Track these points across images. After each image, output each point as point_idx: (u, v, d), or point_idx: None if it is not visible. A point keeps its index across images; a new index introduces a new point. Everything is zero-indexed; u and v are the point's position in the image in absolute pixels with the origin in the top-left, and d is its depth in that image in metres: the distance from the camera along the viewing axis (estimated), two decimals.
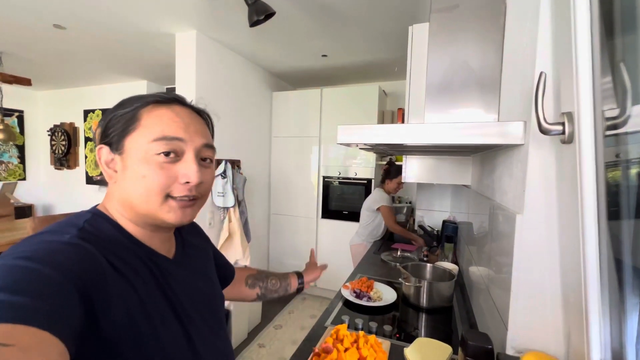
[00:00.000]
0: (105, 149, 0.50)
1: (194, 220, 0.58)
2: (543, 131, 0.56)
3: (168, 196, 0.48)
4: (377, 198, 2.43)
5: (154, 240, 0.53)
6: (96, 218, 0.49)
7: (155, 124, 0.48)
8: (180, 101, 0.53)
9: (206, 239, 0.75)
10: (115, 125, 0.49)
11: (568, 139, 0.54)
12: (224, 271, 0.79)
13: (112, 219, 0.51)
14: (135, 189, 0.48)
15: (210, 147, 0.54)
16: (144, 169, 0.47)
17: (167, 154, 0.48)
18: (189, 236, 0.67)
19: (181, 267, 0.57)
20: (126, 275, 0.46)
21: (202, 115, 0.56)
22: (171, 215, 0.49)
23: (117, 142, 0.49)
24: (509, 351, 0.71)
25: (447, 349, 0.84)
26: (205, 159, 0.53)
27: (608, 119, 0.50)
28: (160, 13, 1.94)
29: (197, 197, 0.52)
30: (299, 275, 0.92)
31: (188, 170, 0.49)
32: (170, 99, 0.51)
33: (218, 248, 0.85)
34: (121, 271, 0.45)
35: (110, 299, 0.42)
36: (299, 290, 0.91)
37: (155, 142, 0.47)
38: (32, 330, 0.31)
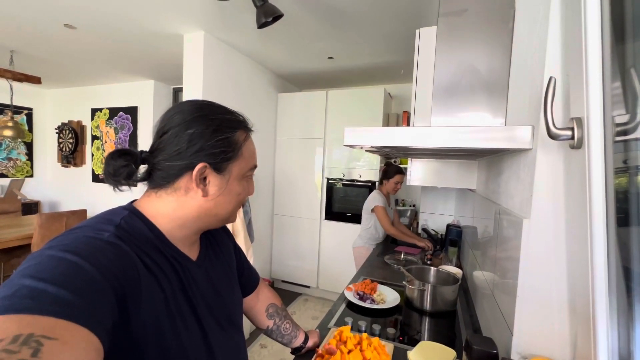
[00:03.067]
0: (204, 167, 0.52)
1: None
2: (552, 136, 0.56)
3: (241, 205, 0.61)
4: (371, 199, 2.40)
5: (184, 242, 0.56)
6: (132, 216, 0.51)
7: (251, 155, 0.59)
8: (251, 129, 0.62)
9: (227, 231, 0.76)
10: (219, 149, 0.53)
11: (577, 144, 0.54)
12: (246, 280, 0.79)
13: (146, 217, 0.52)
14: (230, 203, 0.57)
15: None
16: (239, 188, 0.57)
17: (251, 176, 0.61)
18: (213, 232, 0.68)
19: (202, 269, 0.59)
20: (155, 274, 0.47)
21: None
22: (233, 217, 0.61)
23: (222, 165, 0.54)
24: (514, 356, 0.70)
25: (450, 352, 0.84)
26: None
27: (618, 124, 0.50)
28: (169, 14, 1.96)
29: None
30: (306, 337, 0.90)
31: (253, 187, 0.63)
32: (249, 126, 0.61)
33: None
34: (151, 269, 0.47)
35: (142, 298, 0.43)
36: (298, 349, 0.89)
37: (251, 170, 0.59)
38: (74, 326, 0.32)
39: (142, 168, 0.53)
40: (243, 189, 0.58)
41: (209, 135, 0.52)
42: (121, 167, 0.50)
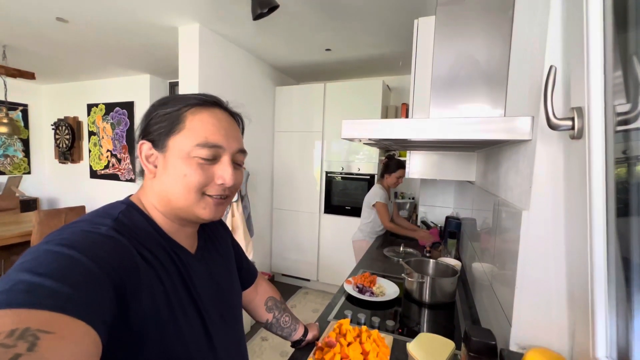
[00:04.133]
0: (146, 145, 0.52)
1: None
2: (552, 126, 0.55)
3: (204, 194, 0.52)
4: (372, 194, 2.41)
5: (180, 234, 0.55)
6: (129, 209, 0.51)
7: (199, 129, 0.51)
8: (219, 104, 0.56)
9: (224, 226, 0.76)
10: (159, 124, 0.51)
11: (577, 135, 0.53)
12: (244, 274, 0.78)
13: (143, 211, 0.53)
14: (176, 185, 0.50)
15: (243, 152, 0.57)
16: (185, 169, 0.50)
17: (207, 157, 0.51)
18: (211, 227, 0.68)
19: (202, 262, 0.59)
20: (154, 267, 0.47)
21: (235, 118, 0.59)
22: (206, 211, 0.52)
23: (161, 141, 0.51)
24: (513, 347, 0.71)
25: (450, 344, 0.84)
26: (237, 162, 0.57)
27: (619, 114, 0.49)
28: (163, 6, 1.92)
29: (229, 195, 0.55)
30: (306, 330, 0.90)
31: (224, 172, 0.52)
32: (211, 102, 0.54)
33: None
34: (150, 262, 0.47)
35: (140, 291, 0.43)
36: (297, 342, 0.89)
37: (198, 147, 0.50)
38: (70, 319, 0.32)
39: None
40: (192, 170, 0.50)
41: (149, 113, 0.53)
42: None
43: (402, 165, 2.37)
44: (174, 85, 3.75)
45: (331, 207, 3.14)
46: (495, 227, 0.97)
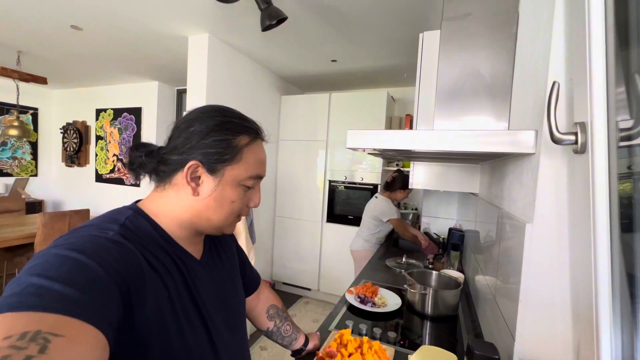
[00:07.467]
0: (198, 166, 0.52)
1: None
2: (555, 141, 0.55)
3: (238, 215, 0.57)
4: (385, 210, 2.33)
5: (188, 241, 0.56)
6: (136, 215, 0.52)
7: (254, 163, 0.56)
8: (262, 137, 0.60)
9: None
10: (215, 149, 0.52)
11: (581, 149, 0.54)
12: (247, 281, 0.79)
13: (150, 217, 0.53)
14: (221, 209, 0.54)
15: None
16: (234, 195, 0.54)
17: (251, 186, 0.57)
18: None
19: (206, 269, 0.59)
20: (159, 272, 0.48)
21: None
22: (231, 228, 0.59)
23: (215, 166, 0.52)
24: None
25: (452, 357, 0.83)
26: None
27: (622, 130, 0.50)
28: (175, 17, 1.98)
29: None
30: (306, 339, 0.91)
31: (257, 198, 0.59)
32: (261, 136, 0.59)
33: None
34: (155, 268, 0.47)
35: (146, 296, 0.44)
36: (298, 351, 0.89)
37: (251, 178, 0.56)
38: (80, 323, 0.32)
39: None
40: (239, 197, 0.55)
41: (205, 134, 0.52)
42: (137, 157, 0.53)
43: None
44: (181, 92, 3.81)
45: (334, 216, 3.14)
46: (498, 240, 0.97)
